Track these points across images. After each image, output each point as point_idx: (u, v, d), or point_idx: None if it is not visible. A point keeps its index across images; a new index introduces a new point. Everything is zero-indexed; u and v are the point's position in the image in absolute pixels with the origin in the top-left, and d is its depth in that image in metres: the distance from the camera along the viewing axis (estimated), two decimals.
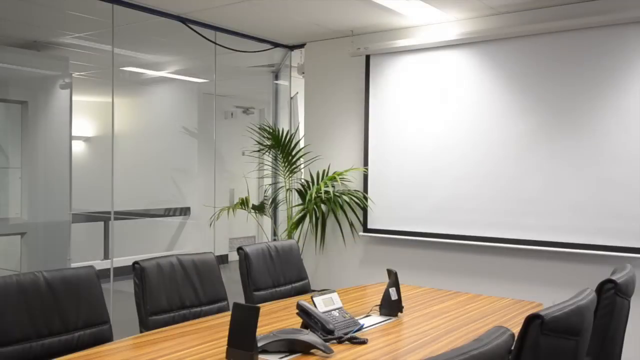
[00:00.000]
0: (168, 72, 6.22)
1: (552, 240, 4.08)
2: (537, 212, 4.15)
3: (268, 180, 5.86)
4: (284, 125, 5.83)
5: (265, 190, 6.03)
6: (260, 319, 2.09)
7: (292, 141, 5.22)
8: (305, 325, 2.42)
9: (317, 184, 5.03)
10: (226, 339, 2.10)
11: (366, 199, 4.93)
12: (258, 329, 2.08)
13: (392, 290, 2.82)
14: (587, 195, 3.97)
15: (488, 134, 4.37)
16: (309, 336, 2.24)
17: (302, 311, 2.44)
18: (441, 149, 4.58)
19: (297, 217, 5.11)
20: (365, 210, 4.96)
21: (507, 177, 4.28)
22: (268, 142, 5.29)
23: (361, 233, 4.99)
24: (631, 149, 3.81)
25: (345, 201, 4.96)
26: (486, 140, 4.38)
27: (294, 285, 3.51)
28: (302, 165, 5.37)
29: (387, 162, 4.86)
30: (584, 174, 3.98)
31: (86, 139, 5.74)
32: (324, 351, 2.20)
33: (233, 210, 5.16)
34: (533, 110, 4.18)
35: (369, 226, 4.95)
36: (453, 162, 4.52)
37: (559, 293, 4.08)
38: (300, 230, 5.20)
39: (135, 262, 2.77)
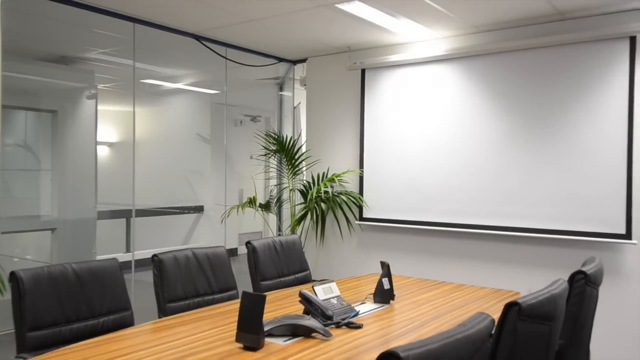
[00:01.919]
0: (183, 84, 6.23)
1: (528, 227, 4.10)
2: (516, 203, 4.16)
3: (273, 181, 5.86)
4: (287, 132, 5.84)
5: (271, 190, 6.03)
6: (266, 306, 2.09)
7: (295, 146, 5.23)
8: (306, 312, 2.43)
9: (318, 184, 5.04)
10: (236, 323, 2.11)
11: (361, 199, 4.94)
12: (264, 315, 2.08)
13: (385, 280, 2.82)
14: (560, 187, 3.98)
15: (471, 136, 4.38)
16: (310, 321, 2.25)
17: (304, 299, 2.45)
18: (429, 149, 4.59)
19: (300, 214, 5.11)
20: (360, 209, 4.96)
21: (489, 172, 4.29)
22: (273, 147, 5.29)
23: (357, 222, 5.00)
24: (598, 147, 3.84)
25: (343, 200, 4.97)
26: (470, 141, 4.39)
27: (296, 275, 3.52)
28: (304, 168, 5.38)
29: (381, 162, 4.86)
30: (557, 168, 3.99)
31: (110, 144, 5.74)
32: (323, 335, 2.21)
33: (242, 208, 5.16)
34: (512, 114, 4.19)
35: (365, 216, 4.97)
36: (440, 161, 4.53)
37: (536, 274, 4.12)
38: (302, 227, 5.20)
39: (154, 255, 2.78)
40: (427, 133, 4.60)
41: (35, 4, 3.54)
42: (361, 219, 4.97)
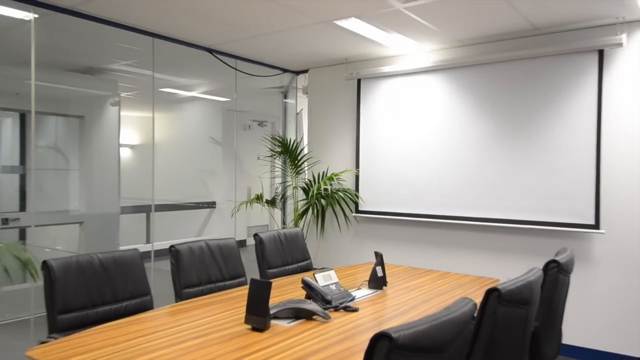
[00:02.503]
0: (197, 93, 6.23)
1: (507, 218, 4.09)
2: (495, 196, 4.16)
3: (278, 180, 5.86)
4: (291, 136, 5.83)
5: (276, 188, 6.03)
6: (272, 291, 2.09)
7: (297, 148, 5.22)
8: (308, 297, 2.43)
9: (318, 183, 5.03)
10: (245, 307, 2.11)
11: (357, 196, 4.94)
12: (270, 300, 2.08)
13: (379, 269, 2.82)
14: (535, 182, 3.98)
15: (455, 138, 4.37)
16: (312, 305, 2.25)
17: (306, 285, 2.45)
18: (418, 150, 4.58)
19: (302, 209, 5.11)
20: (356, 204, 4.96)
21: (471, 169, 4.29)
22: (278, 149, 5.29)
23: (353, 214, 5.00)
24: (570, 147, 3.83)
25: (341, 197, 4.97)
26: (454, 142, 4.38)
27: (299, 264, 3.52)
28: (306, 168, 5.37)
29: (375, 162, 4.86)
30: (533, 166, 3.99)
31: (131, 146, 5.75)
32: (323, 317, 2.21)
33: (250, 204, 5.16)
34: (492, 119, 4.18)
35: (360, 209, 4.96)
36: (428, 160, 4.52)
37: (513, 261, 4.12)
38: (304, 220, 5.20)
39: (172, 246, 2.78)
40: (416, 136, 4.60)
41: (65, 20, 3.53)
42: (357, 212, 4.97)
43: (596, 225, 3.73)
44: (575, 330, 3.87)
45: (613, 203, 3.73)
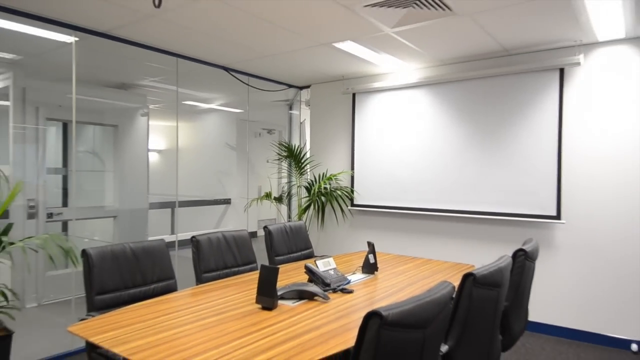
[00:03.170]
0: (215, 105, 6.22)
1: (481, 211, 4.10)
2: (471, 192, 4.16)
3: (284, 180, 5.86)
4: (295, 142, 5.83)
5: (283, 187, 6.03)
6: (279, 276, 2.10)
7: (301, 153, 5.22)
8: (310, 280, 2.43)
9: (319, 182, 5.03)
10: (256, 289, 2.11)
11: (352, 193, 4.94)
12: (278, 283, 2.09)
13: (371, 256, 2.82)
14: (506, 180, 3.98)
15: (437, 142, 4.37)
16: (313, 287, 2.25)
17: (308, 270, 2.45)
18: (404, 153, 4.58)
19: (305, 205, 5.11)
20: (352, 200, 4.96)
21: (450, 168, 4.28)
22: (284, 154, 5.29)
23: (349, 207, 5.00)
24: (535, 151, 3.83)
25: (338, 194, 4.97)
26: (436, 146, 4.38)
27: (302, 252, 3.53)
28: (308, 170, 5.37)
29: (368, 163, 4.86)
30: (504, 166, 3.99)
31: (158, 151, 5.74)
32: (323, 298, 2.21)
33: (260, 201, 5.16)
34: (469, 126, 4.18)
35: (355, 203, 4.96)
36: (413, 161, 4.52)
37: (486, 248, 4.13)
38: (307, 214, 5.20)
39: (193, 237, 2.78)
40: (403, 141, 4.60)
41: (102, 43, 3.54)
42: (352, 205, 4.97)
43: (557, 217, 3.73)
44: (539, 308, 3.87)
45: (571, 198, 3.73)
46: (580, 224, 3.71)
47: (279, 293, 2.15)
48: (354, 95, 4.95)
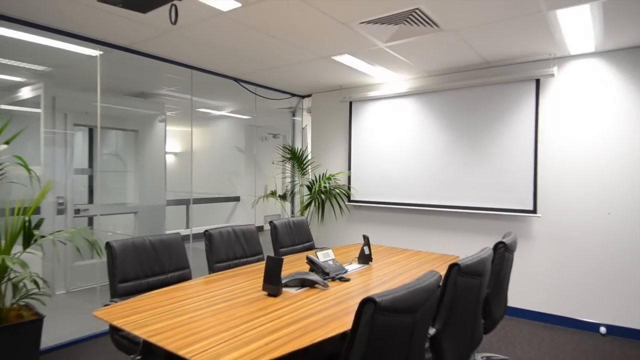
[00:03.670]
0: (226, 112, 6.22)
1: (466, 206, 4.08)
2: (456, 189, 4.15)
3: (288, 179, 5.86)
4: (298, 145, 5.83)
5: (286, 186, 6.03)
6: (283, 265, 2.09)
7: (303, 155, 5.22)
8: (311, 270, 2.43)
9: (319, 182, 5.02)
10: (262, 278, 2.10)
11: (349, 191, 4.93)
12: (282, 272, 2.08)
13: (366, 248, 2.82)
14: (487, 178, 3.97)
15: (425, 145, 4.36)
16: (314, 276, 2.25)
17: (310, 261, 2.45)
18: (396, 154, 4.57)
19: (306, 202, 5.10)
20: (349, 197, 4.95)
21: (437, 168, 4.27)
22: (288, 156, 5.28)
23: (346, 203, 4.99)
24: (514, 152, 3.82)
25: (337, 193, 4.96)
26: (424, 148, 4.37)
27: (304, 244, 3.52)
28: (309, 170, 5.37)
29: (363, 164, 4.85)
30: (485, 166, 3.98)
31: (175, 154, 5.74)
32: (323, 286, 2.21)
33: (266, 198, 5.15)
34: (454, 130, 4.17)
35: (351, 199, 4.95)
36: (403, 161, 4.50)
37: (470, 240, 4.12)
38: (308, 211, 5.20)
39: (206, 230, 2.78)
40: (395, 144, 4.59)
41: (124, 56, 3.53)
42: (349, 201, 4.96)
43: (534, 211, 3.72)
44: (517, 295, 3.87)
45: (547, 194, 3.72)
46: (554, 217, 3.70)
47: (283, 281, 2.14)
48: (350, 103, 4.94)
